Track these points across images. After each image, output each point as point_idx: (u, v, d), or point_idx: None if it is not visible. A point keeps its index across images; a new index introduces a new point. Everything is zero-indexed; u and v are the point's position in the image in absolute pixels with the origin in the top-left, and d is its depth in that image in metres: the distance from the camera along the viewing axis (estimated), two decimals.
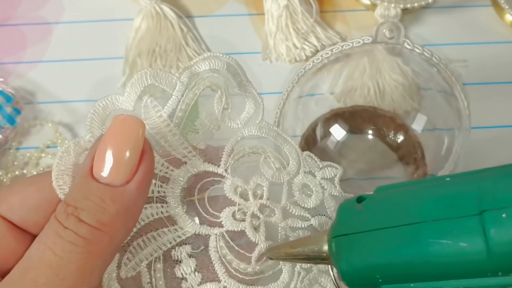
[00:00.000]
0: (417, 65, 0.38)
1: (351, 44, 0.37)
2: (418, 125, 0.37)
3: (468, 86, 0.39)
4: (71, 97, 0.41)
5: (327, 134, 0.37)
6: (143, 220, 0.22)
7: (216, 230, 0.23)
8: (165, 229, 0.22)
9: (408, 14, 0.43)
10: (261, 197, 0.24)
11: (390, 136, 0.37)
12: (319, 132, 0.37)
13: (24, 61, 0.42)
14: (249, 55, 0.42)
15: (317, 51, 0.41)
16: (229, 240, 0.23)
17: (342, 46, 0.38)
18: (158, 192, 0.22)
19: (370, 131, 0.38)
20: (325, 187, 0.26)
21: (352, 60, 0.39)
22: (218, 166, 0.23)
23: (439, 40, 0.42)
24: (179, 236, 0.22)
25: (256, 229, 0.23)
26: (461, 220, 0.17)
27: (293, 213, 0.25)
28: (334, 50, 0.38)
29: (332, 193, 0.27)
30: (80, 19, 0.43)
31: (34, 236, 0.20)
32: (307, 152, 0.27)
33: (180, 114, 0.22)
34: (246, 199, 0.23)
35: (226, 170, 0.23)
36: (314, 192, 0.26)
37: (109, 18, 0.43)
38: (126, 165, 0.19)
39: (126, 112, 0.22)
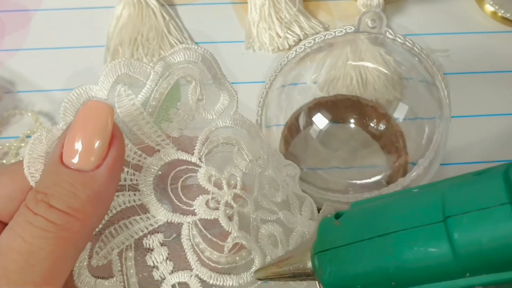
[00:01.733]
0: (399, 55, 0.38)
1: (333, 34, 0.38)
2: (400, 114, 0.37)
3: (448, 76, 0.39)
4: (51, 86, 0.40)
5: (310, 123, 0.37)
6: (115, 208, 0.22)
7: (189, 218, 0.23)
8: (137, 217, 0.22)
9: (390, 4, 0.43)
10: (234, 187, 0.24)
11: (372, 125, 0.37)
12: (302, 121, 0.37)
13: (2, 49, 0.41)
14: (232, 44, 0.42)
15: (300, 40, 0.41)
16: (202, 228, 0.23)
17: (325, 36, 0.38)
18: (131, 180, 0.22)
19: (352, 120, 0.38)
20: (289, 184, 0.27)
21: (335, 49, 0.39)
22: (192, 154, 0.23)
23: (420, 30, 0.43)
24: (151, 225, 0.22)
25: (229, 218, 0.23)
26: (428, 227, 0.18)
27: (263, 205, 0.25)
28: (317, 40, 0.38)
29: (294, 191, 0.27)
30: (60, 6, 0.43)
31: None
32: (274, 148, 0.27)
33: (153, 103, 0.22)
34: (220, 188, 0.23)
35: (200, 159, 0.23)
36: (280, 187, 0.26)
37: (90, 6, 0.43)
38: (95, 150, 0.19)
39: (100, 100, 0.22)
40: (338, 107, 0.38)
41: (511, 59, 0.42)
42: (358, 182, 0.37)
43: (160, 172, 0.23)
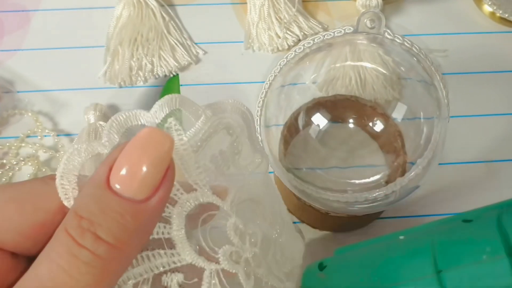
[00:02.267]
0: (398, 55, 0.38)
1: (332, 34, 0.38)
2: (398, 114, 0.38)
3: (447, 76, 0.40)
4: (51, 86, 0.40)
5: (309, 123, 0.38)
6: None
7: (213, 266, 0.22)
8: (162, 251, 0.21)
9: (389, 4, 0.43)
10: (255, 245, 0.23)
11: (371, 125, 0.38)
12: (301, 121, 0.38)
13: (1, 49, 0.41)
14: (232, 44, 0.42)
15: (299, 40, 0.41)
16: (223, 279, 0.22)
17: (324, 36, 0.38)
18: (164, 211, 0.21)
19: (351, 120, 0.38)
20: (295, 258, 0.27)
21: (334, 49, 0.39)
22: (225, 202, 0.23)
23: (419, 30, 0.43)
24: (174, 262, 0.22)
25: (247, 275, 0.23)
26: (420, 281, 0.18)
27: (273, 272, 0.25)
28: (316, 40, 0.38)
29: (298, 264, 0.27)
30: (59, 7, 0.43)
31: (13, 253, 0.19)
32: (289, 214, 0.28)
33: (198, 144, 0.22)
34: (243, 242, 0.23)
35: (231, 208, 0.23)
36: (290, 258, 0.26)
37: (89, 6, 0.43)
38: (150, 180, 0.18)
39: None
40: (337, 107, 0.38)
41: (509, 59, 0.42)
42: (357, 181, 0.37)
43: (193, 212, 0.22)
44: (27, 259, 0.20)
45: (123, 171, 0.18)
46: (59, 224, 0.18)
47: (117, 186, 0.18)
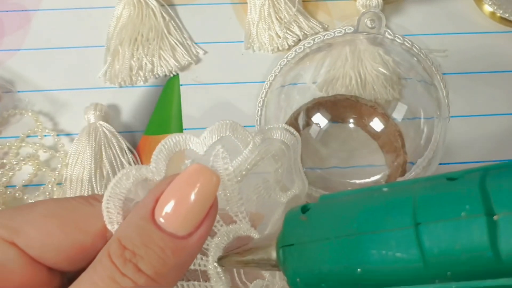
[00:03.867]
0: (398, 55, 0.38)
1: (333, 34, 0.38)
2: (398, 114, 0.38)
3: (447, 76, 0.40)
4: (51, 86, 0.40)
5: (309, 123, 0.38)
6: None
7: None
8: (196, 283, 0.22)
9: (389, 4, 0.43)
10: (284, 278, 0.23)
11: (371, 125, 0.38)
12: (301, 121, 0.38)
13: (2, 49, 0.41)
14: (232, 44, 0.42)
15: (299, 40, 0.41)
16: None
17: (324, 36, 0.38)
18: None
19: (351, 120, 0.38)
20: None
21: (334, 49, 0.39)
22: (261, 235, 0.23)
23: (419, 30, 0.43)
24: None
25: None
26: (398, 232, 0.18)
27: None
28: (316, 40, 0.38)
29: None
30: (60, 6, 0.43)
31: (49, 268, 0.20)
32: None
33: (244, 173, 0.22)
34: (273, 276, 0.23)
35: None
36: None
37: (89, 6, 0.43)
38: (193, 217, 0.18)
39: (196, 154, 0.21)
40: (337, 107, 0.38)
41: (509, 59, 0.42)
42: (357, 181, 0.37)
43: (230, 244, 0.22)
44: (61, 274, 0.21)
45: (168, 207, 0.18)
46: (98, 249, 0.19)
47: (161, 220, 0.18)
